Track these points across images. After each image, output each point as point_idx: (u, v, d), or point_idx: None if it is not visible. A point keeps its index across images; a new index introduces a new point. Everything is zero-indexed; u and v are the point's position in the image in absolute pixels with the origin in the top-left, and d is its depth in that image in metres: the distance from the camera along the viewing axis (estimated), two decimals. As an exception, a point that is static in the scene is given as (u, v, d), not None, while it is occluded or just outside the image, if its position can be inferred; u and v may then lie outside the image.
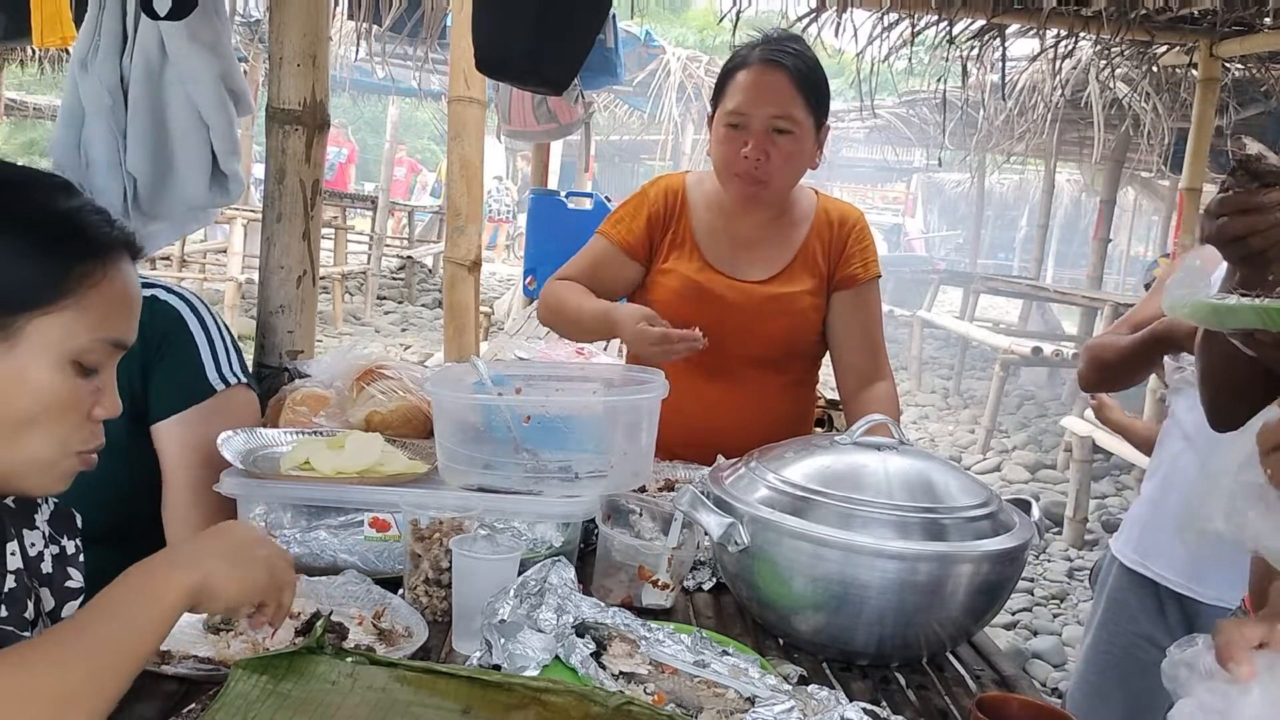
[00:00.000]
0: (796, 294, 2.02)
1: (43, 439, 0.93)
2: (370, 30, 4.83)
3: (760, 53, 1.91)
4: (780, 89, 1.88)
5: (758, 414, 2.01)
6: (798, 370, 2.11)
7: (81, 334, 0.93)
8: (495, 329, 8.18)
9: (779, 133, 1.89)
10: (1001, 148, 11.90)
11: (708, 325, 2.01)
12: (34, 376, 0.91)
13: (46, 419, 0.92)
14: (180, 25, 1.91)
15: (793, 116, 1.88)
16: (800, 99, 1.89)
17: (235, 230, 9.09)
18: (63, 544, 1.08)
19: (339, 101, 11.62)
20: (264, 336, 2.19)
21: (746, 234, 2.04)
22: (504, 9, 2.29)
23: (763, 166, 1.89)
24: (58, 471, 0.96)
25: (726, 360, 2.02)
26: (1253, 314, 1.00)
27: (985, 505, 1.32)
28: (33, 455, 0.93)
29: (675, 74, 12.17)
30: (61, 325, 0.92)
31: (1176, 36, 5.11)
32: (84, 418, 0.95)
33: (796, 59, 1.90)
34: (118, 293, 0.96)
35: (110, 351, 0.96)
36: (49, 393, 0.92)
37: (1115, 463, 7.02)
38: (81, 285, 0.92)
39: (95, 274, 0.93)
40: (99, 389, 0.97)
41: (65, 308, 0.92)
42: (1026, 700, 1.10)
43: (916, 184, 25.55)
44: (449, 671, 1.05)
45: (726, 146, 1.92)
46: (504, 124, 6.73)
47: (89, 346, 0.93)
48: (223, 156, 2.02)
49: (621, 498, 1.49)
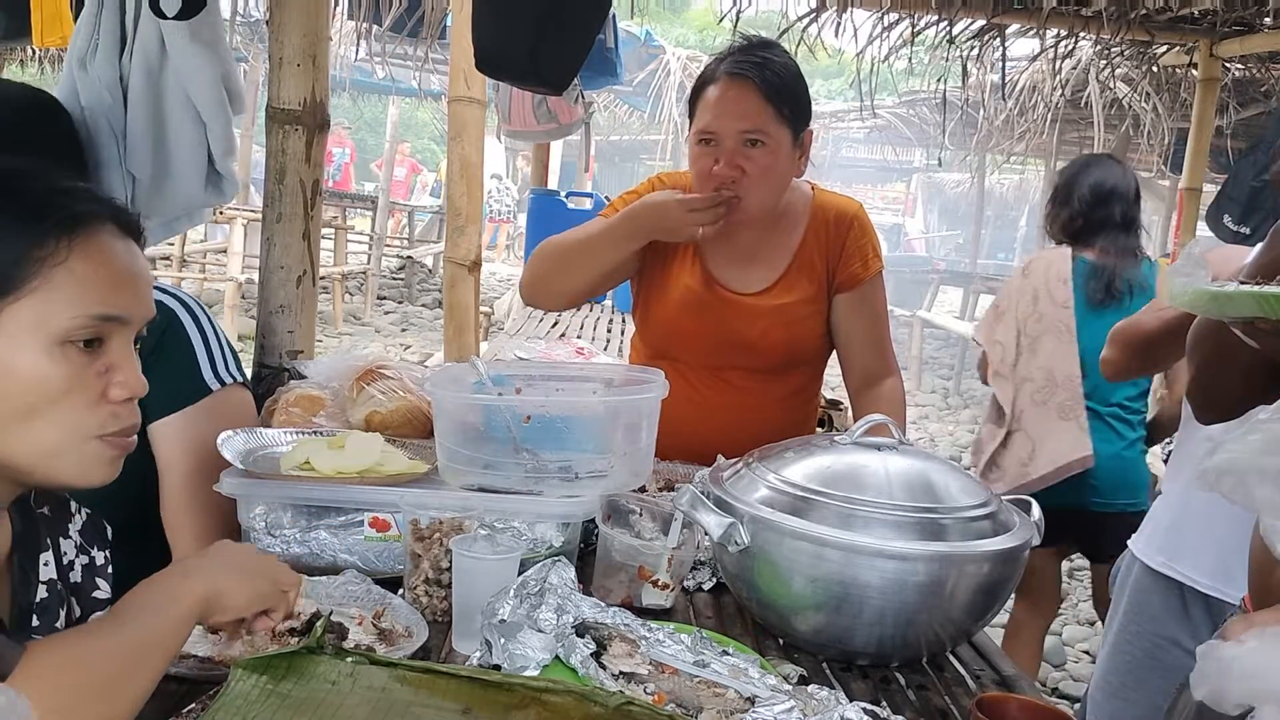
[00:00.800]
0: (793, 304, 2.00)
1: (49, 426, 0.90)
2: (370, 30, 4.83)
3: (727, 65, 1.87)
4: (747, 102, 1.84)
5: (760, 423, 1.99)
6: (800, 377, 2.10)
7: (61, 313, 0.89)
8: (495, 329, 8.18)
9: (751, 144, 1.85)
10: (1001, 148, 11.88)
11: (704, 338, 2.01)
12: (20, 365, 0.88)
13: (47, 406, 0.90)
14: (182, 25, 1.90)
15: (763, 129, 1.84)
16: (770, 109, 1.84)
17: (235, 230, 9.09)
18: (93, 554, 1.09)
19: (339, 101, 11.63)
20: (264, 336, 2.19)
21: (744, 243, 2.01)
22: (504, 9, 2.29)
23: (738, 182, 1.85)
24: (81, 458, 0.93)
25: (727, 371, 2.03)
26: (1252, 301, 1.01)
27: (985, 505, 1.32)
28: (43, 444, 0.91)
29: (675, 74, 12.16)
30: (35, 308, 0.89)
31: (1176, 36, 5.11)
32: (95, 399, 0.92)
33: (764, 69, 1.85)
34: (94, 266, 0.92)
35: (104, 327, 0.93)
36: (40, 379, 0.89)
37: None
38: (44, 265, 0.89)
39: (59, 251, 0.90)
40: (108, 368, 0.93)
41: (34, 289, 0.89)
42: (1026, 700, 1.10)
43: (916, 184, 25.53)
44: (449, 671, 1.05)
45: (699, 164, 1.89)
46: (504, 124, 6.73)
47: (74, 325, 0.90)
48: (219, 156, 2.01)
49: (621, 498, 1.49)
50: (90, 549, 1.08)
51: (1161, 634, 2.03)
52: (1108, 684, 2.13)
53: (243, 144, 13.74)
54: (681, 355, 2.05)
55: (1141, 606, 2.08)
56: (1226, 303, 1.04)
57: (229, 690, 0.97)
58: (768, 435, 1.86)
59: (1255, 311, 1.02)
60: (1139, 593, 2.09)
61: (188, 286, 9.20)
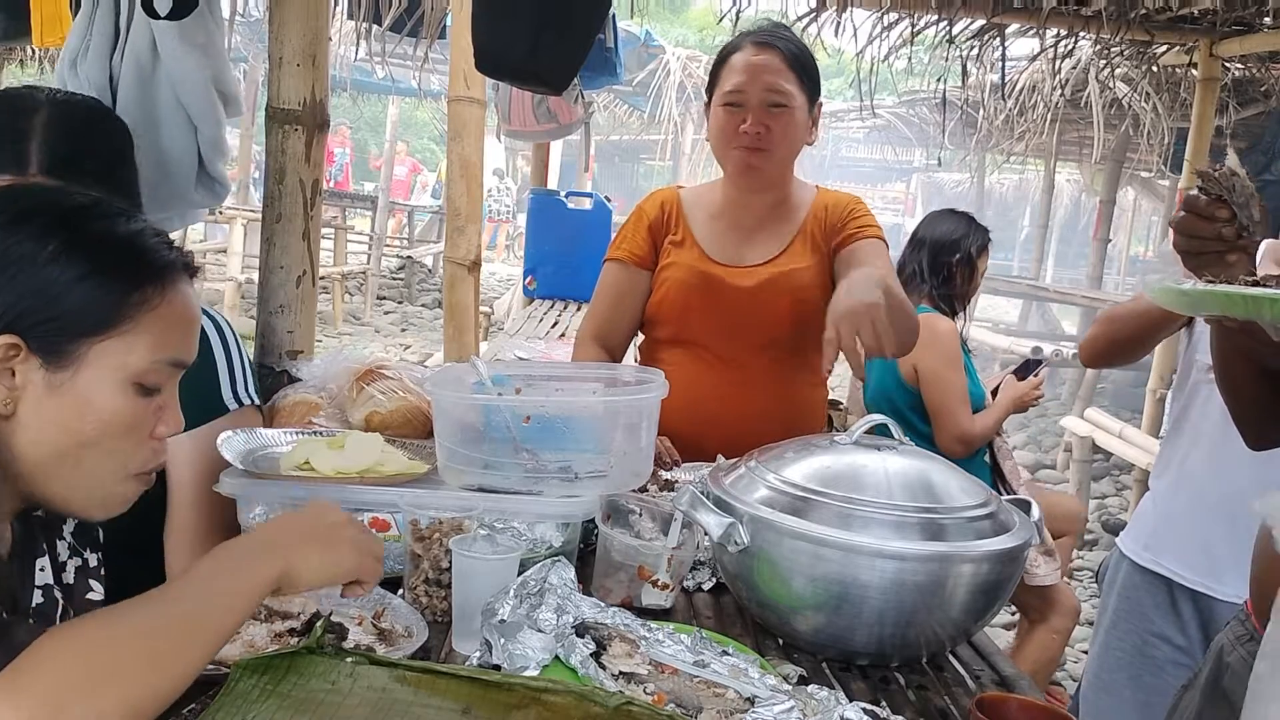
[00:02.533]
0: (799, 270, 2.06)
1: (103, 460, 0.94)
2: (370, 30, 4.82)
3: (752, 38, 2.02)
4: (774, 67, 1.97)
5: (774, 400, 2.04)
6: (809, 351, 2.11)
7: (142, 356, 0.94)
8: (495, 329, 8.18)
9: (775, 107, 1.97)
10: (1001, 148, 11.88)
11: (715, 313, 2.04)
12: (97, 401, 0.92)
13: (109, 441, 0.94)
14: (173, 26, 1.90)
15: (787, 91, 1.97)
16: (793, 75, 1.98)
17: (235, 230, 9.10)
18: (85, 556, 1.09)
19: (339, 101, 11.62)
20: (264, 336, 2.19)
21: (747, 222, 2.09)
22: (504, 9, 2.29)
23: (763, 138, 1.97)
24: (116, 494, 0.97)
25: (738, 347, 2.06)
26: (1213, 300, 1.02)
27: (985, 505, 1.32)
28: (94, 477, 0.94)
29: (675, 74, 12.17)
30: (122, 349, 0.93)
31: (1176, 36, 5.11)
32: (145, 437, 0.97)
33: (787, 42, 2.02)
34: (176, 314, 0.97)
35: (170, 371, 0.98)
36: (112, 416, 0.93)
37: (1115, 463, 7.02)
38: (141, 309, 0.94)
39: (154, 298, 0.95)
40: (160, 407, 0.98)
41: (125, 331, 0.93)
42: (1026, 700, 1.10)
43: (916, 184, 25.52)
44: (449, 671, 1.05)
45: (725, 124, 2.00)
46: (504, 124, 6.72)
47: (149, 368, 0.95)
48: (209, 160, 2.01)
49: (621, 498, 1.49)
50: (83, 551, 1.08)
51: (1151, 630, 2.04)
52: (1099, 681, 2.14)
53: (243, 144, 13.77)
54: (696, 338, 2.08)
55: (1131, 603, 2.09)
56: (1191, 299, 1.06)
57: (229, 690, 0.97)
58: (782, 413, 1.90)
59: (1216, 309, 1.04)
60: (1128, 589, 2.10)
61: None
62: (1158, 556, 2.06)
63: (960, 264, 3.03)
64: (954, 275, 3.02)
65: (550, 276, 5.90)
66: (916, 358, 2.82)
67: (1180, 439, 2.11)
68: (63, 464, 0.92)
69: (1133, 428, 5.73)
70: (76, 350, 0.91)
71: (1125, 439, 5.57)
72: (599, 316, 2.17)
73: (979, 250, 3.06)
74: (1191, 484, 2.04)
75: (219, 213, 8.42)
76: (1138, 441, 5.44)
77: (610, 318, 2.16)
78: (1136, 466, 5.54)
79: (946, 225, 3.08)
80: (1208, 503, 1.99)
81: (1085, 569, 5.34)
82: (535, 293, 5.96)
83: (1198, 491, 2.03)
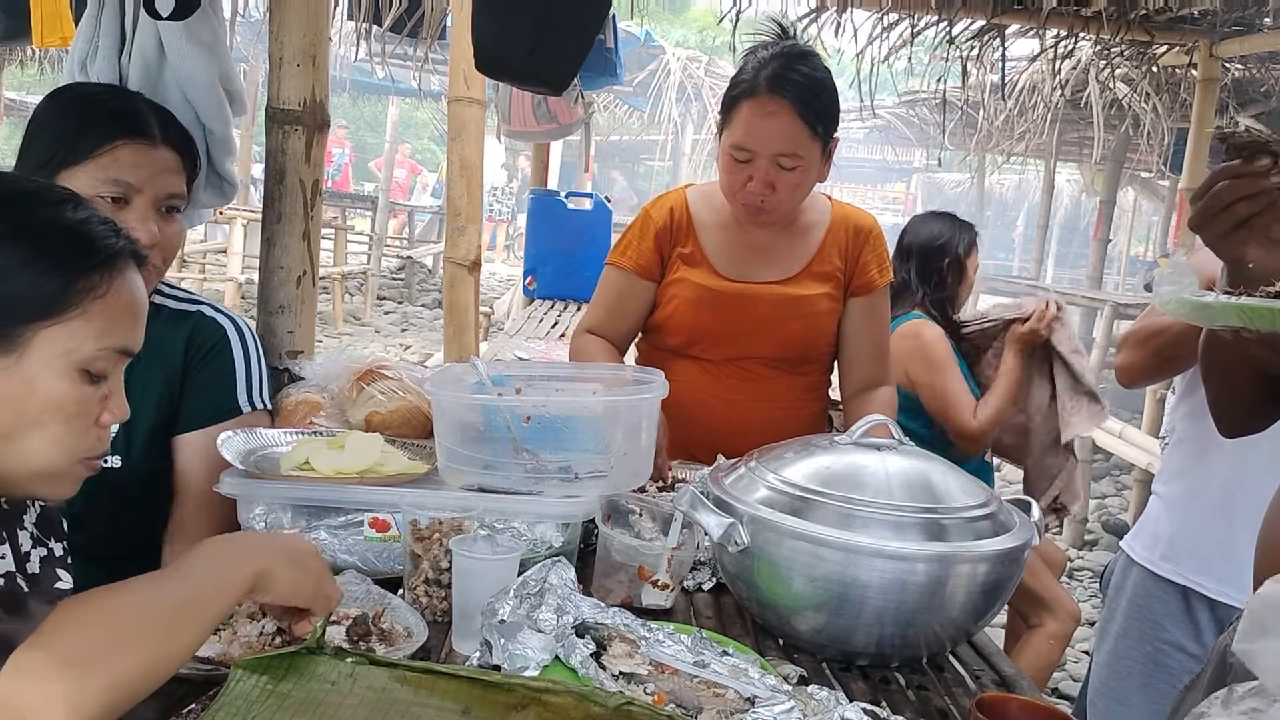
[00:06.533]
0: (814, 297, 2.04)
1: (49, 445, 0.94)
2: (370, 30, 4.82)
3: (766, 79, 1.85)
4: (784, 125, 1.85)
5: (777, 416, 2.02)
6: (813, 374, 2.12)
7: (88, 343, 0.93)
8: (495, 329, 8.18)
9: (784, 168, 1.87)
10: (1001, 148, 11.88)
11: (724, 328, 2.02)
12: (42, 386, 0.92)
13: (54, 426, 0.93)
14: (179, 25, 1.90)
15: (797, 153, 1.87)
16: (805, 130, 1.85)
17: (235, 230, 9.09)
18: (50, 546, 1.09)
19: (339, 101, 11.63)
20: (264, 337, 2.18)
21: (759, 242, 2.05)
22: (503, 9, 2.29)
23: (768, 199, 1.90)
24: (65, 478, 0.97)
25: (744, 362, 2.05)
26: (1233, 312, 1.01)
27: (985, 505, 1.32)
28: (40, 462, 0.94)
29: (675, 74, 12.18)
30: (68, 335, 0.92)
31: (1176, 36, 5.11)
32: (91, 424, 0.96)
33: (802, 87, 1.84)
34: (124, 302, 0.96)
35: (117, 359, 0.97)
36: (57, 402, 0.92)
37: (1115, 463, 7.02)
38: (87, 296, 0.93)
39: (101, 285, 0.94)
40: (106, 395, 0.98)
41: (72, 318, 0.92)
42: (1026, 700, 1.10)
43: (916, 184, 25.52)
44: (449, 672, 1.05)
45: (731, 176, 1.93)
46: (504, 124, 6.73)
47: (96, 355, 0.94)
48: (218, 158, 2.00)
49: (621, 498, 1.49)
50: (47, 540, 1.08)
51: (1164, 638, 2.00)
52: (1109, 689, 2.09)
53: (243, 144, 13.76)
54: (703, 353, 2.07)
55: (1142, 611, 2.04)
56: (1208, 312, 1.04)
57: (229, 690, 0.97)
58: (784, 430, 1.88)
59: (1236, 322, 1.01)
60: (1140, 597, 2.05)
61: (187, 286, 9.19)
62: (1177, 565, 2.00)
63: (950, 267, 3.01)
64: (945, 279, 3.01)
65: (550, 277, 5.91)
66: (907, 366, 2.82)
67: (1193, 444, 2.04)
68: (5, 442, 0.92)
69: (1133, 428, 5.73)
70: (21, 335, 0.90)
71: (1125, 439, 5.57)
72: (598, 319, 2.14)
73: (966, 250, 3.04)
74: (1212, 491, 1.98)
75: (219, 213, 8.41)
76: (1138, 441, 5.45)
77: (609, 321, 2.13)
78: (1137, 466, 5.54)
79: (930, 229, 3.06)
80: (1232, 510, 1.92)
81: (1084, 568, 5.35)
82: (535, 293, 5.96)
83: (1221, 499, 1.96)
